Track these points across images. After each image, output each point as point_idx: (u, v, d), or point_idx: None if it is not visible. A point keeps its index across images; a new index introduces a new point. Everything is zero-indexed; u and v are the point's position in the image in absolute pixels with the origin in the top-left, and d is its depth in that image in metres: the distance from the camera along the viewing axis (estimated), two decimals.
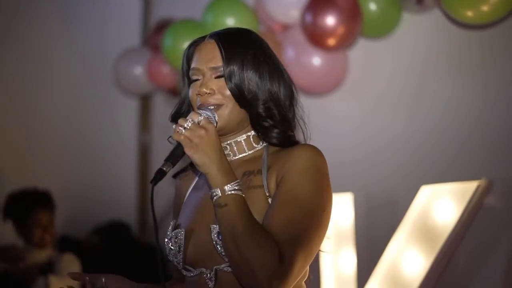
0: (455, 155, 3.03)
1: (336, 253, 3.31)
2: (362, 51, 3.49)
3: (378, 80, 3.44)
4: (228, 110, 1.75)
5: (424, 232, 2.93)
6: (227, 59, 1.75)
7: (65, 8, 4.94)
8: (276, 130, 1.78)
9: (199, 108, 1.75)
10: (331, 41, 3.27)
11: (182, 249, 1.76)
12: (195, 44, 1.82)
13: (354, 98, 3.50)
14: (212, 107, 1.75)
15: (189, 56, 1.81)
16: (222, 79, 1.76)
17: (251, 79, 1.76)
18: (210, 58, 1.77)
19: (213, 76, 1.77)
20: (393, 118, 3.33)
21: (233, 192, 1.63)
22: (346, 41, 3.33)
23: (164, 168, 1.65)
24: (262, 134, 1.79)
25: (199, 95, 1.76)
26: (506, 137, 2.86)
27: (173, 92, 4.39)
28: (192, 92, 1.78)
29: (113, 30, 5.02)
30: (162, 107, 4.85)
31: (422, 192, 2.96)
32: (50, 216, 3.81)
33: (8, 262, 3.54)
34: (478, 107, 2.99)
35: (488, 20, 2.78)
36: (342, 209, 3.30)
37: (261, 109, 1.76)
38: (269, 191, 1.71)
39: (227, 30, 1.84)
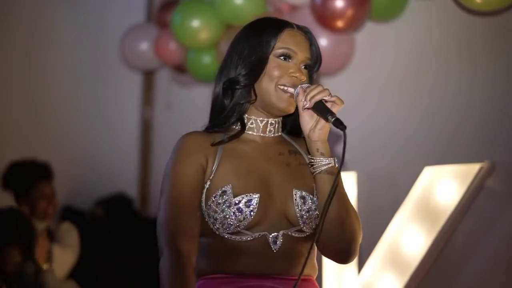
0: (458, 138, 3.10)
1: None
2: (369, 34, 3.55)
3: (384, 63, 3.50)
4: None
5: (426, 211, 3.01)
6: (316, 56, 1.97)
7: None
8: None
9: (285, 90, 1.90)
10: (340, 23, 3.33)
11: (253, 213, 1.83)
12: (286, 27, 1.94)
13: (360, 80, 3.57)
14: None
15: (277, 37, 1.92)
16: (305, 70, 1.94)
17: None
18: (307, 49, 1.94)
19: (302, 65, 1.93)
20: (397, 100, 3.39)
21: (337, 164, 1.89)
22: (354, 24, 3.39)
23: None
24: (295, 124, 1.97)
25: (293, 77, 1.89)
26: (510, 121, 2.94)
27: (179, 68, 4.44)
28: (282, 68, 1.90)
29: (117, 6, 5.06)
30: (165, 83, 4.91)
31: (425, 173, 3.04)
32: (52, 188, 3.88)
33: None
34: (483, 91, 3.05)
35: (496, 7, 2.83)
36: (346, 187, 3.37)
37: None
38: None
39: (309, 30, 2.00)
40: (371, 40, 3.55)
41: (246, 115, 1.95)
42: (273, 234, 1.86)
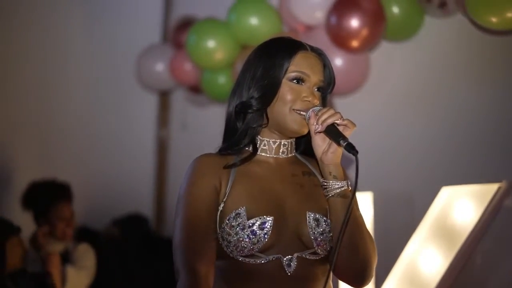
0: (476, 157, 3.08)
1: None
2: (384, 53, 3.55)
3: (399, 82, 3.50)
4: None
5: (443, 232, 2.99)
6: (329, 78, 1.96)
7: (86, 5, 5.01)
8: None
9: (299, 112, 1.90)
10: (355, 43, 3.34)
11: (267, 236, 1.82)
12: (300, 48, 1.94)
13: (375, 99, 3.57)
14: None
15: (291, 60, 1.91)
16: (318, 92, 1.94)
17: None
18: (320, 71, 1.94)
19: (315, 88, 1.92)
20: (413, 119, 3.39)
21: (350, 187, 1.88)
22: (370, 44, 3.39)
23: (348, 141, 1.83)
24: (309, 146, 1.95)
25: (306, 101, 1.89)
26: None
27: (194, 89, 4.46)
28: (295, 92, 1.89)
29: (134, 27, 5.10)
30: (181, 103, 4.94)
31: (442, 193, 3.02)
32: (71, 209, 3.89)
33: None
34: (499, 111, 3.04)
35: (510, 26, 2.83)
36: (362, 208, 3.36)
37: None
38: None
39: (323, 52, 1.99)
40: (386, 59, 3.55)
41: (259, 137, 1.95)
42: (287, 257, 1.84)
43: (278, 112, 1.90)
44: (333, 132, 1.83)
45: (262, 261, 1.83)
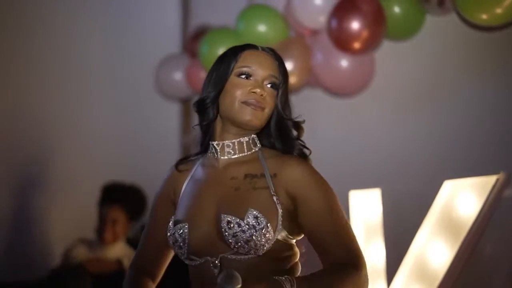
0: (476, 152, 3.15)
1: (366, 246, 3.46)
2: (388, 52, 3.62)
3: (404, 80, 3.57)
4: (267, 113, 2.00)
5: (448, 224, 3.06)
6: (283, 73, 2.03)
7: (106, 17, 5.09)
8: (295, 141, 2.04)
9: (247, 103, 1.97)
10: (356, 45, 3.42)
11: (187, 241, 1.94)
12: (247, 49, 2.04)
13: (381, 98, 3.64)
14: (259, 110, 1.98)
15: (237, 58, 2.02)
16: (271, 88, 2.02)
17: (286, 94, 2.05)
18: (270, 67, 2.02)
19: (266, 83, 2.01)
20: (417, 117, 3.46)
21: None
22: (371, 45, 3.47)
23: None
24: (280, 142, 2.03)
25: (253, 93, 1.97)
26: None
27: None
28: (242, 86, 1.98)
29: (153, 38, 5.19)
30: None
31: (445, 187, 3.09)
32: (118, 211, 4.01)
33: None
34: (497, 106, 3.11)
35: (502, 22, 2.89)
36: (371, 204, 3.46)
37: (290, 121, 2.04)
38: (276, 194, 1.94)
39: (274, 50, 2.08)
40: (391, 58, 3.62)
41: (211, 141, 2.04)
42: (213, 258, 1.92)
43: (227, 107, 1.99)
44: None
45: (196, 263, 1.95)
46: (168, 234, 1.99)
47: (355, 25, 3.38)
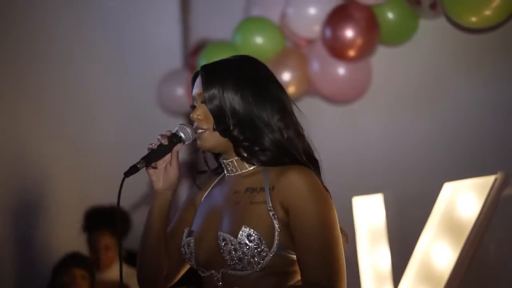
0: (474, 153, 3.17)
1: (371, 251, 3.50)
2: (383, 58, 3.64)
3: (400, 84, 3.59)
4: (209, 131, 1.96)
5: (450, 226, 3.09)
6: (207, 84, 1.95)
7: (108, 32, 5.12)
8: (264, 152, 1.95)
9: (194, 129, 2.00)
10: (351, 53, 3.45)
11: (193, 255, 1.99)
12: (195, 77, 2.04)
13: (379, 104, 3.66)
14: (202, 131, 1.98)
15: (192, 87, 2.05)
16: (204, 105, 1.97)
17: (233, 100, 1.94)
18: (198, 86, 1.98)
19: (200, 101, 1.98)
20: (414, 121, 3.47)
21: None
22: (366, 51, 3.50)
23: (138, 165, 2.00)
24: (248, 155, 1.96)
25: (193, 120, 1.98)
26: None
27: None
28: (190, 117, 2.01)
29: (155, 53, 5.22)
30: None
31: (445, 189, 3.12)
32: (107, 236, 4.05)
33: None
34: (493, 106, 3.13)
35: (491, 23, 2.92)
36: (374, 209, 3.49)
37: (245, 131, 1.94)
38: (273, 209, 1.89)
39: (218, 60, 2.02)
40: (386, 63, 3.63)
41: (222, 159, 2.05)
42: (216, 272, 1.96)
43: None
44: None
45: (205, 275, 2.00)
46: (182, 244, 2.04)
47: (349, 33, 3.41)
